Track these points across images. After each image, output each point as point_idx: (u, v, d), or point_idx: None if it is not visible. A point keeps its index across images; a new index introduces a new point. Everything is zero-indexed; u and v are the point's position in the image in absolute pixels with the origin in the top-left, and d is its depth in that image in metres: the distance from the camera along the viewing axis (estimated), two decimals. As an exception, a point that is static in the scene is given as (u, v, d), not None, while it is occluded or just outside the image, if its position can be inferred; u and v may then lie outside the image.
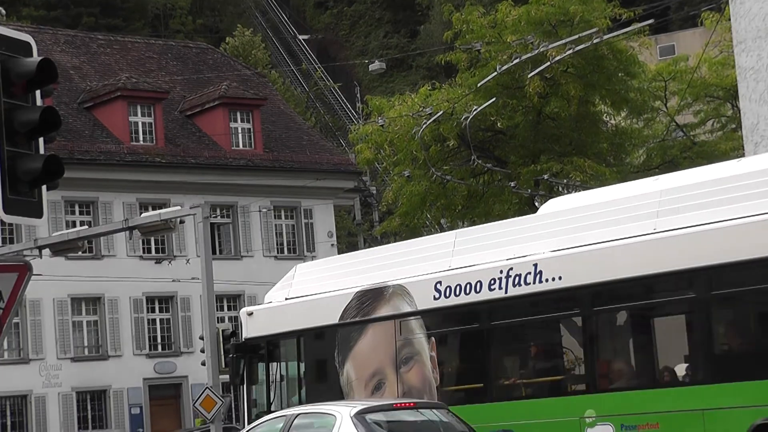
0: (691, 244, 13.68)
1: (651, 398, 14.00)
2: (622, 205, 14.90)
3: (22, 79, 9.94)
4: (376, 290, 17.01)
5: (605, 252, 14.45)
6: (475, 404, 15.77)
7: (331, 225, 46.14)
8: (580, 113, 31.31)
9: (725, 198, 13.67)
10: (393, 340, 16.67)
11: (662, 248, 13.92)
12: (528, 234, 15.51)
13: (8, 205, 9.81)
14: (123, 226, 24.66)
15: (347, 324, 17.31)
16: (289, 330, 18.52)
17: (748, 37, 19.81)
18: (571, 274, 14.69)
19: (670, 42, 66.19)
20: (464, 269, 15.95)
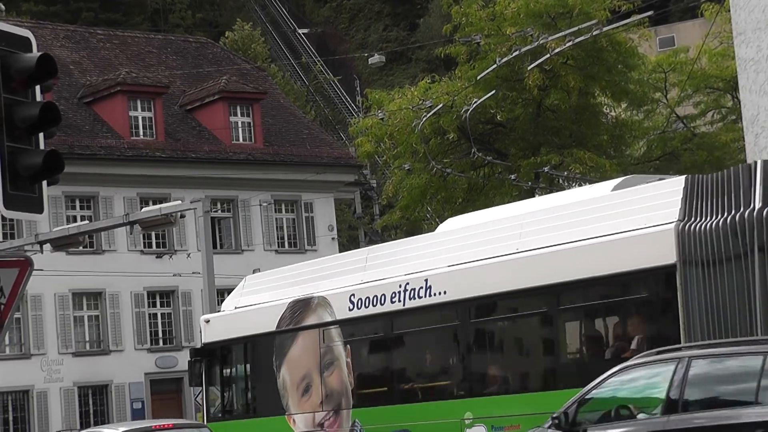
0: (539, 264, 15.11)
1: (514, 402, 15.52)
2: (497, 226, 16.31)
3: (22, 74, 9.94)
4: (305, 301, 18.54)
5: (478, 269, 15.94)
6: (381, 406, 17.37)
7: (332, 218, 46.15)
8: (580, 105, 31.31)
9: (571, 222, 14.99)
10: (318, 347, 18.19)
11: (519, 267, 15.42)
12: (426, 251, 16.97)
13: (9, 201, 9.81)
14: (124, 221, 24.71)
15: (282, 332, 18.80)
16: (237, 336, 19.88)
17: (748, 28, 19.79)
18: (453, 289, 16.20)
19: (669, 33, 66.16)
20: (372, 283, 17.43)
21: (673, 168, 33.89)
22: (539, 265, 15.09)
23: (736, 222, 12.93)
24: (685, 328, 13.27)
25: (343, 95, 75.92)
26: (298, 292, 18.79)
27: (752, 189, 13.01)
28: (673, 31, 67.00)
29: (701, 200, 13.47)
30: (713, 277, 13.08)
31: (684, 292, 13.26)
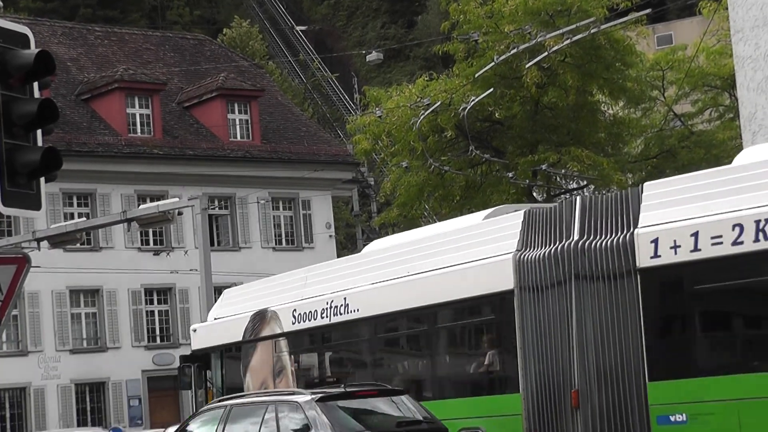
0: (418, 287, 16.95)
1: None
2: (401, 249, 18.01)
3: (19, 71, 9.93)
4: (262, 314, 20.30)
5: (379, 290, 17.68)
6: None
7: (329, 216, 46.14)
8: (577, 103, 31.30)
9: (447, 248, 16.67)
10: (271, 356, 20.08)
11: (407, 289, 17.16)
12: (348, 272, 18.75)
13: (6, 198, 9.81)
14: (121, 218, 24.69)
15: (245, 342, 20.63)
16: (215, 345, 21.58)
17: (745, 26, 19.80)
18: (363, 307, 17.96)
19: (667, 31, 66.17)
20: (308, 300, 19.21)
21: (670, 166, 33.90)
22: (419, 288, 16.88)
23: (557, 252, 14.48)
24: (521, 347, 14.93)
25: (340, 93, 75.89)
26: (258, 305, 20.52)
27: (572, 223, 14.54)
28: (671, 28, 67.02)
29: (536, 232, 15.05)
30: (543, 302, 14.69)
31: (520, 315, 14.92)
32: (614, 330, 13.91)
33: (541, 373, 14.67)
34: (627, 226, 13.94)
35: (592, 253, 14.06)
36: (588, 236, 14.28)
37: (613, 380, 13.87)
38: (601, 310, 14.05)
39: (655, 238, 13.50)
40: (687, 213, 13.30)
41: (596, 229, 14.25)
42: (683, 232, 13.21)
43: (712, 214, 12.97)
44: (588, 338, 14.11)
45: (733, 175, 13.29)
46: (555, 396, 14.54)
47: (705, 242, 12.96)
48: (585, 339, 14.14)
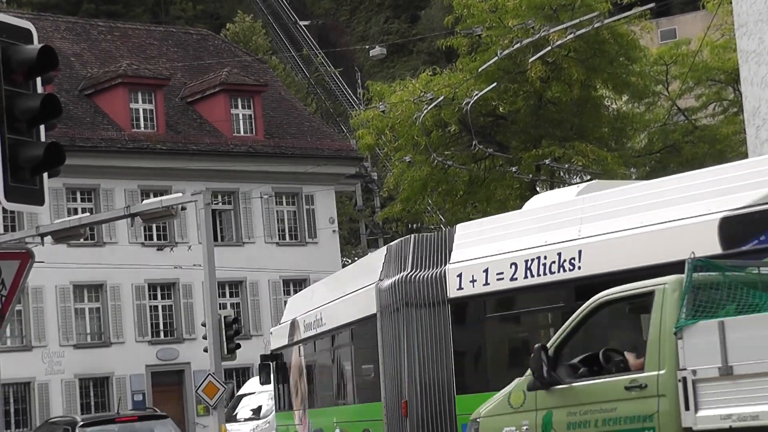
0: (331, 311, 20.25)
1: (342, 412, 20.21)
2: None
3: (22, 66, 9.92)
4: (293, 322, 22.96)
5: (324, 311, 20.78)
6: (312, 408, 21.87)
7: (333, 211, 46.14)
8: (581, 98, 31.26)
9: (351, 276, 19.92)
10: (298, 358, 22.74)
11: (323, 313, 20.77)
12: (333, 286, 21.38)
13: (10, 193, 9.80)
14: (125, 213, 24.67)
15: (286, 345, 23.37)
16: (279, 346, 24.03)
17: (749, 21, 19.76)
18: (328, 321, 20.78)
19: (671, 26, 66.11)
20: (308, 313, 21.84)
21: (674, 160, 33.87)
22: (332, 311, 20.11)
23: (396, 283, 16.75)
24: (382, 362, 17.28)
25: (344, 87, 75.86)
26: (295, 314, 23.03)
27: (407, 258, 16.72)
28: (675, 23, 66.95)
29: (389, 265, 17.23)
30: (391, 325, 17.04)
31: (381, 335, 17.38)
32: (433, 350, 16.20)
33: (389, 385, 17.20)
34: (442, 262, 16.13)
35: (418, 285, 16.33)
36: (416, 270, 16.53)
37: (431, 393, 16.21)
38: (424, 333, 16.29)
39: (459, 272, 15.73)
40: (483, 252, 15.52)
41: (422, 264, 16.51)
42: (478, 269, 15.45)
43: (498, 253, 15.23)
44: (414, 357, 16.44)
45: (518, 219, 15.73)
46: (395, 405, 17.03)
47: (492, 277, 15.27)
48: (413, 357, 16.46)
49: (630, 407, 10.56)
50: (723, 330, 9.74)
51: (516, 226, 15.38)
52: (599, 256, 14.10)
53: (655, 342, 10.48)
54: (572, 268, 14.32)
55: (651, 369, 10.52)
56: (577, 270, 14.25)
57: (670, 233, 13.37)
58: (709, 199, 13.28)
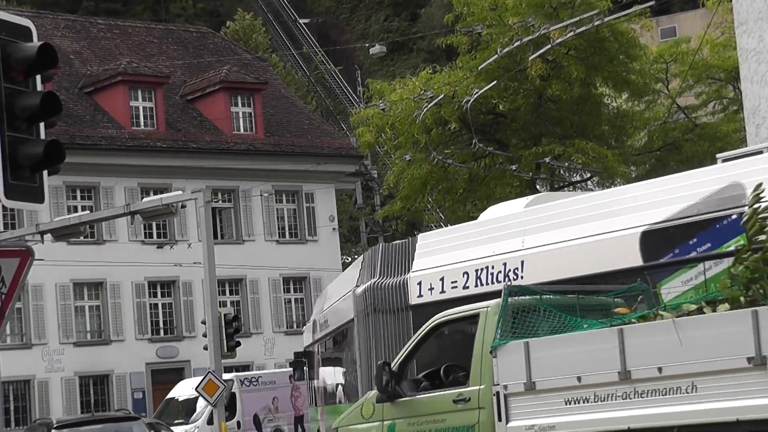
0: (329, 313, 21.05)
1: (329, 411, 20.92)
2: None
3: (22, 64, 9.90)
4: (313, 321, 23.60)
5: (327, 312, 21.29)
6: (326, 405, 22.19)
7: (333, 209, 46.15)
8: (581, 96, 31.25)
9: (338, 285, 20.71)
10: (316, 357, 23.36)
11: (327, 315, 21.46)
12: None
13: (9, 190, 9.79)
14: (125, 211, 24.66)
15: (311, 344, 23.81)
16: (308, 344, 24.56)
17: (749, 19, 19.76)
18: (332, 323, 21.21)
19: (671, 24, 66.10)
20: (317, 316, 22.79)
21: (674, 158, 33.86)
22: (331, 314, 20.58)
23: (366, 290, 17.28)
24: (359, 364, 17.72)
25: (344, 85, 75.85)
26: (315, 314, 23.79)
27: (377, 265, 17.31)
28: (675, 21, 66.94)
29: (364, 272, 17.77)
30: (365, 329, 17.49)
31: (359, 337, 17.78)
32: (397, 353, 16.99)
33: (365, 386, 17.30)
34: (405, 270, 16.78)
35: (384, 292, 17.04)
36: (383, 277, 17.21)
37: None
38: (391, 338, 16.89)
39: (419, 280, 16.45)
40: (439, 261, 16.31)
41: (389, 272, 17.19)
42: (435, 277, 16.19)
43: (452, 262, 15.98)
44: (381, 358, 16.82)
45: (471, 230, 16.43)
46: None
47: (447, 285, 15.98)
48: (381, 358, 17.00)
49: (457, 419, 11.83)
50: (528, 349, 10.73)
51: (469, 237, 16.16)
52: (539, 267, 14.86)
53: (478, 359, 11.71)
54: (516, 278, 15.09)
55: (474, 384, 11.78)
56: (520, 279, 14.95)
57: (598, 246, 14.16)
58: (632, 214, 14.03)
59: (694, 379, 9.65)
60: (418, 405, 12.28)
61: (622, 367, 10.05)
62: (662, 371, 9.82)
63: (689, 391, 9.69)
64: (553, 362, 10.56)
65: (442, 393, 12.12)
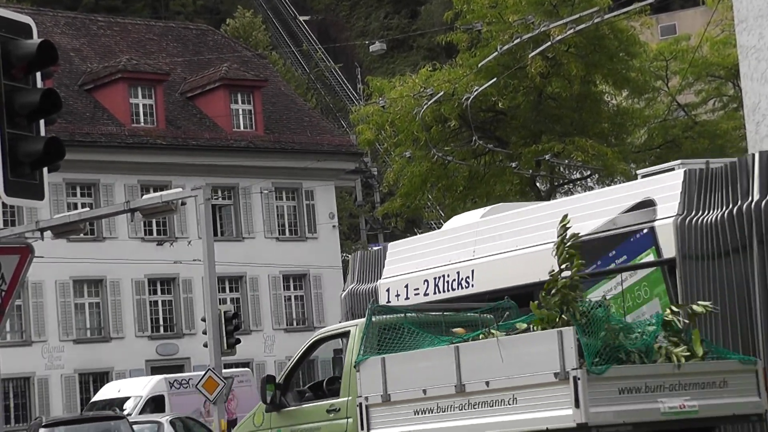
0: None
1: None
2: None
3: (22, 61, 9.91)
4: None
5: None
6: None
7: (333, 206, 46.14)
8: (581, 93, 31.25)
9: None
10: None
11: None
12: None
13: (9, 187, 9.80)
14: (124, 208, 24.65)
15: None
16: None
17: (749, 16, 19.74)
18: None
19: (671, 21, 66.09)
20: None
21: (674, 156, 33.83)
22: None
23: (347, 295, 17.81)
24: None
25: (344, 83, 75.83)
26: None
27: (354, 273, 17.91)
28: (675, 18, 66.93)
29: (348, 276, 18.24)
30: None
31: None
32: None
33: None
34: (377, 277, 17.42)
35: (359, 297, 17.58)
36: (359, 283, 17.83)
37: None
38: None
39: (388, 287, 17.17)
40: (405, 269, 17.02)
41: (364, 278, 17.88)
42: (401, 284, 16.91)
43: (415, 270, 16.72)
44: None
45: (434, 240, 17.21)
46: None
47: (411, 292, 16.68)
48: None
49: (329, 427, 13.13)
50: (384, 365, 11.74)
51: (432, 246, 16.96)
52: (486, 276, 15.73)
53: (347, 373, 12.95)
54: (467, 286, 15.97)
55: (344, 395, 13.12)
56: (471, 288, 15.84)
57: (535, 256, 14.80)
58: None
59: (515, 392, 10.63)
60: (299, 414, 13.67)
61: (458, 381, 11.03)
62: (489, 385, 10.80)
63: (511, 403, 10.67)
64: (404, 376, 11.53)
65: (319, 403, 13.56)
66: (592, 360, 10.28)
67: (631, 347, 10.69)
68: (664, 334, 11.05)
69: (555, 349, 10.35)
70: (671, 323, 11.14)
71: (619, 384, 10.39)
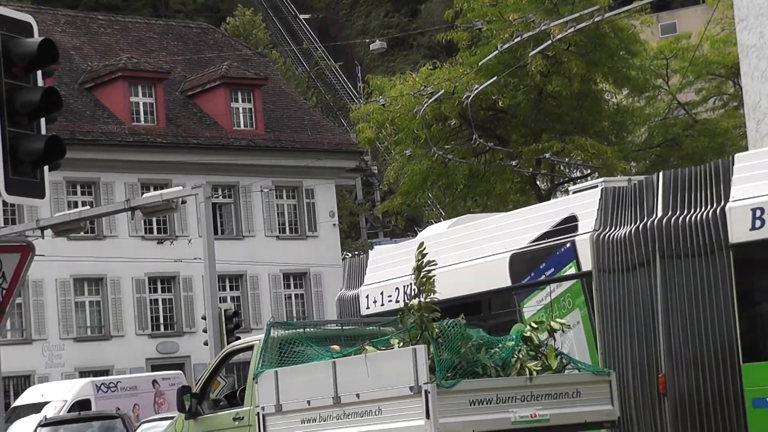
0: None
1: None
2: None
3: (23, 59, 9.92)
4: None
5: None
6: None
7: (333, 205, 46.16)
8: (581, 92, 31.22)
9: None
10: None
11: None
12: None
13: (10, 186, 9.81)
14: (125, 207, 24.68)
15: None
16: None
17: (750, 15, 19.76)
18: None
19: (671, 20, 66.08)
20: None
21: (674, 154, 33.85)
22: None
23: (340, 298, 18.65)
24: None
25: (344, 81, 75.83)
26: None
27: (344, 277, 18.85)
28: (675, 17, 66.93)
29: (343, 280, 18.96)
30: None
31: None
32: None
33: None
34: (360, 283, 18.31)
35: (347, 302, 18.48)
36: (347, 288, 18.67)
37: None
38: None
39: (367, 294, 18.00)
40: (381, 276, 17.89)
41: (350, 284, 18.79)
42: (377, 291, 17.86)
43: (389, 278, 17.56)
44: None
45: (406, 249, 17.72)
46: None
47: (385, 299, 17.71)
48: None
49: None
50: (277, 377, 12.64)
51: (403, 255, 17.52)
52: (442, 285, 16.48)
53: (250, 384, 13.92)
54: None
55: (247, 405, 14.25)
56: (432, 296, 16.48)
57: (481, 268, 16.12)
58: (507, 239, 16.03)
59: (380, 404, 11.56)
60: (212, 421, 14.95)
61: (335, 393, 11.98)
62: (359, 397, 11.75)
63: (377, 414, 11.62)
64: (293, 388, 12.48)
65: (227, 412, 14.85)
66: (444, 375, 11.13)
67: (488, 362, 11.54)
68: (524, 349, 11.88)
69: (410, 365, 11.23)
70: (530, 339, 11.95)
71: (470, 396, 11.24)
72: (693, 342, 13.64)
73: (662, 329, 13.88)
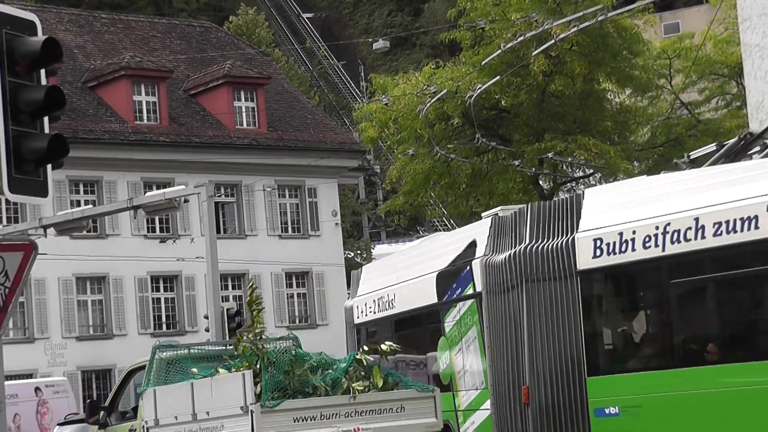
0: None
1: None
2: None
3: (26, 58, 9.92)
4: None
5: None
6: None
7: (336, 204, 46.14)
8: (584, 91, 31.24)
9: None
10: None
11: None
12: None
13: (13, 184, 9.81)
14: (127, 206, 24.68)
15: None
16: None
17: (753, 14, 19.76)
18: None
19: (674, 19, 66.05)
20: None
21: (677, 154, 33.82)
22: None
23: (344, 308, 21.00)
24: None
25: (347, 80, 75.81)
26: None
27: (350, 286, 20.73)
28: (678, 17, 66.89)
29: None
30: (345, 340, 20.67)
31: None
32: None
33: None
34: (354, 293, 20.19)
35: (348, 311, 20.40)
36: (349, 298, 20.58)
37: None
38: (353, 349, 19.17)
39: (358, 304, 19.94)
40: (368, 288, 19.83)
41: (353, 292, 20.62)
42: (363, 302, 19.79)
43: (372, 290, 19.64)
44: None
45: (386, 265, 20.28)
46: None
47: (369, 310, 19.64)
48: None
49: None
50: (155, 395, 14.46)
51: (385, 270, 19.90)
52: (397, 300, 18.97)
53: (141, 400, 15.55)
54: (391, 307, 19.19)
55: (139, 418, 16.07)
56: (392, 309, 19.15)
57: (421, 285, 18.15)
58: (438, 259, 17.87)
59: (224, 421, 13.07)
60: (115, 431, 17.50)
61: (193, 410, 13.63)
62: (209, 414, 13.34)
63: (221, 429, 13.11)
64: (167, 405, 14.13)
65: (125, 424, 17.33)
66: (269, 395, 12.56)
67: (319, 383, 12.91)
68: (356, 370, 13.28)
69: (240, 387, 12.75)
70: (361, 361, 13.36)
71: (294, 414, 12.63)
72: (549, 357, 15.35)
73: (527, 345, 15.67)
